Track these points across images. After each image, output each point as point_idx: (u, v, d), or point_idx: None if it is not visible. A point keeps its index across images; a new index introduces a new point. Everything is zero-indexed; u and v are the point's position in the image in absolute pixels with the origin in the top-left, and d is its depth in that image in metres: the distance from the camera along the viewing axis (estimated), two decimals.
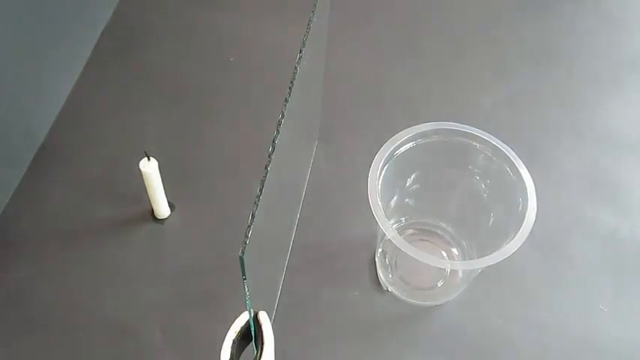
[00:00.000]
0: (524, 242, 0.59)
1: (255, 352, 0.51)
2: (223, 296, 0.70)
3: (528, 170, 0.64)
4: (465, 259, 0.74)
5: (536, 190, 0.63)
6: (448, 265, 0.76)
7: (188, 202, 0.79)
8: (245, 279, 0.44)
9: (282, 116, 0.49)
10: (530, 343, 0.70)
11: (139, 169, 0.70)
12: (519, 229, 0.60)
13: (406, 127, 0.67)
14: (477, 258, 0.63)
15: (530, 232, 0.60)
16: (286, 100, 0.50)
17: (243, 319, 0.51)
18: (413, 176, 0.72)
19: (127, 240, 0.76)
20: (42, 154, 0.83)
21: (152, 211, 0.77)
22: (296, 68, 0.52)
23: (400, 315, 0.72)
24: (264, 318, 0.52)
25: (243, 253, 0.41)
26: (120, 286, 0.72)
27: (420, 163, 0.69)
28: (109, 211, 0.78)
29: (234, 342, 0.50)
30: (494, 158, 0.67)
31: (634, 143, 0.87)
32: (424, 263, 0.59)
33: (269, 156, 0.47)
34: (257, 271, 0.48)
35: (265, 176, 0.45)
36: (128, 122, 0.87)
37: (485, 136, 0.67)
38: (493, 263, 0.59)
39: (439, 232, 0.77)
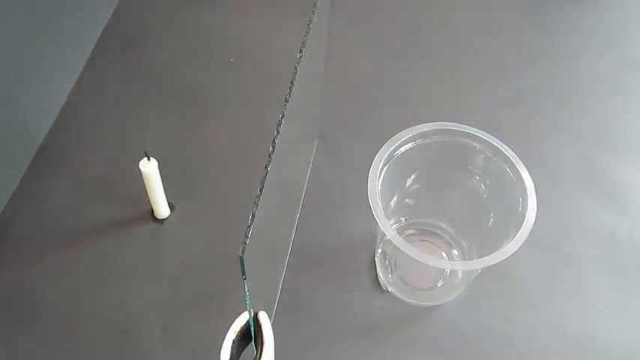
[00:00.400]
0: (524, 242, 0.59)
1: (255, 352, 0.51)
2: (223, 296, 0.70)
3: (528, 170, 0.64)
4: (464, 260, 0.74)
5: (536, 190, 0.63)
6: (448, 265, 0.76)
7: (188, 202, 0.79)
8: (245, 279, 0.44)
9: (282, 116, 0.49)
10: (530, 343, 0.70)
11: (139, 169, 0.70)
12: (519, 229, 0.60)
13: (406, 127, 0.67)
14: (477, 258, 0.62)
15: (530, 232, 0.60)
16: (286, 100, 0.50)
17: (243, 319, 0.51)
18: (413, 176, 0.72)
19: (126, 240, 0.76)
20: (41, 155, 0.83)
21: (152, 211, 0.77)
22: (296, 68, 0.52)
23: (400, 315, 0.72)
24: (264, 318, 0.52)
25: (243, 253, 0.41)
26: (119, 286, 0.72)
27: (420, 163, 0.69)
28: (109, 211, 0.78)
29: (234, 342, 0.50)
30: (494, 158, 0.67)
31: (634, 143, 0.87)
32: (424, 263, 0.59)
33: (269, 156, 0.47)
34: (257, 271, 0.48)
35: (265, 176, 0.45)
36: (128, 122, 0.87)
37: (485, 136, 0.67)
38: (493, 263, 0.59)
39: (439, 232, 0.77)
